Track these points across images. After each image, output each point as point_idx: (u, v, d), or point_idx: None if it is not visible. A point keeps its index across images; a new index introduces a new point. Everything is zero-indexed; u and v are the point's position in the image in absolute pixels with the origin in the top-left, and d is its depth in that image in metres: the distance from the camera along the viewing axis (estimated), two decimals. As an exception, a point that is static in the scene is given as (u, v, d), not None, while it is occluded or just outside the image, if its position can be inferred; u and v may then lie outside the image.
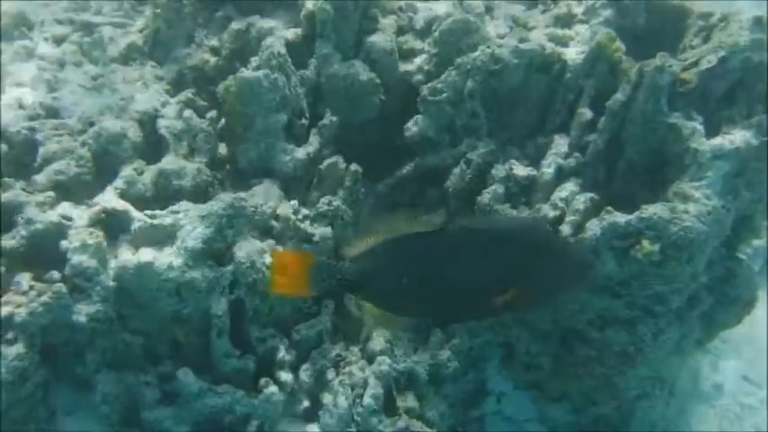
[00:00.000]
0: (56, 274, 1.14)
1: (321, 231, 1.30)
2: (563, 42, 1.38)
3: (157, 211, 1.21)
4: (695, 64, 1.29)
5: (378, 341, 1.30)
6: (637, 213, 1.22)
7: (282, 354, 1.27)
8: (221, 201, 1.22)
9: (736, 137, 1.26)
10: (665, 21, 1.41)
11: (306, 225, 1.30)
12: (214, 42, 1.38)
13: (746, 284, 1.36)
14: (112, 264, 1.15)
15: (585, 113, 1.32)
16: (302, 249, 1.25)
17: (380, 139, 1.40)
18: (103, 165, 1.28)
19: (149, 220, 1.19)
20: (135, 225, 1.18)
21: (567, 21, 1.44)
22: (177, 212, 1.21)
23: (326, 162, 1.32)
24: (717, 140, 1.26)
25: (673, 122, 1.27)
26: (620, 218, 1.22)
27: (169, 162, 1.26)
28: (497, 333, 1.33)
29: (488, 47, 1.31)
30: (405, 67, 1.39)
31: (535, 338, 1.33)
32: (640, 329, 1.28)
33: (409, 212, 0.90)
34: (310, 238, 1.30)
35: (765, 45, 1.26)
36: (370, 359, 1.29)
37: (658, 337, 1.29)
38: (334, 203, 1.31)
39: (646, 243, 1.22)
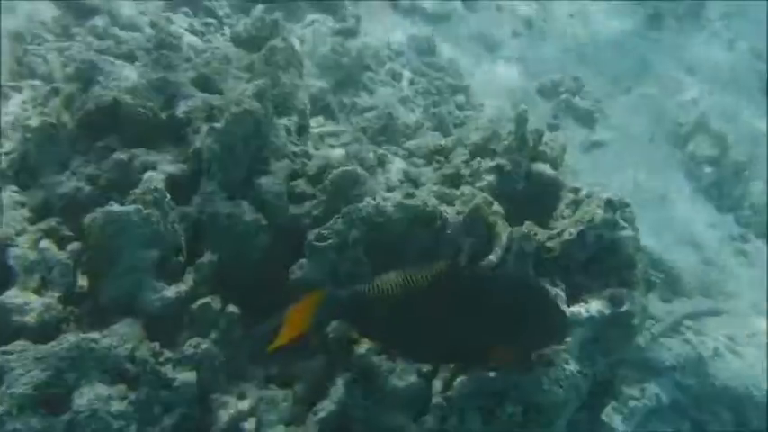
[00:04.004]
0: None
1: (184, 377, 1.22)
2: (447, 201, 1.47)
3: (-15, 352, 1.09)
4: (559, 234, 1.42)
5: None
6: (502, 374, 1.26)
7: None
8: (66, 341, 1.12)
9: (592, 306, 1.37)
10: (543, 190, 1.55)
11: (167, 369, 1.22)
12: (91, 171, 1.33)
13: (609, 448, 1.42)
14: None
15: (462, 270, 1.38)
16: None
17: (266, 280, 1.38)
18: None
19: (-28, 362, 1.06)
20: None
21: (454, 181, 1.55)
22: (9, 353, 1.10)
23: (198, 302, 1.27)
24: (575, 308, 1.36)
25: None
26: (487, 377, 1.25)
27: (11, 296, 1.16)
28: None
29: (374, 199, 1.37)
30: (294, 210, 1.41)
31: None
32: (506, 491, 1.28)
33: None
34: (170, 383, 1.21)
35: (616, 224, 1.42)
36: None
37: (523, 501, 1.29)
38: (203, 346, 1.25)
39: (509, 404, 1.26)
